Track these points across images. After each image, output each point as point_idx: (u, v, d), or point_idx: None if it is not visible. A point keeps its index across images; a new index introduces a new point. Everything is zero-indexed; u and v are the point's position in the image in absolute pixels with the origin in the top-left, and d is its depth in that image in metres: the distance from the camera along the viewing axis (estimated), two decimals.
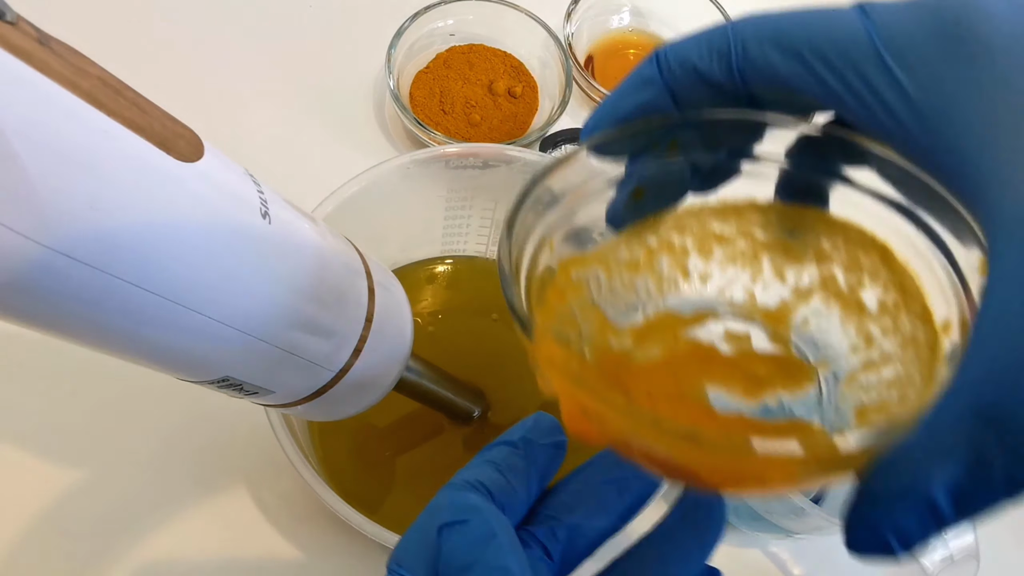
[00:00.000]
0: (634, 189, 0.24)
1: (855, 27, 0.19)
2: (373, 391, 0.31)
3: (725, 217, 0.25)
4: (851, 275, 0.23)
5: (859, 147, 0.21)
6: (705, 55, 0.22)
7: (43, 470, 0.42)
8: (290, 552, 0.42)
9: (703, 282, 0.25)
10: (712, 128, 0.23)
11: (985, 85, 0.17)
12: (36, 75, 0.17)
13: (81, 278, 0.18)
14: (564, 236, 0.24)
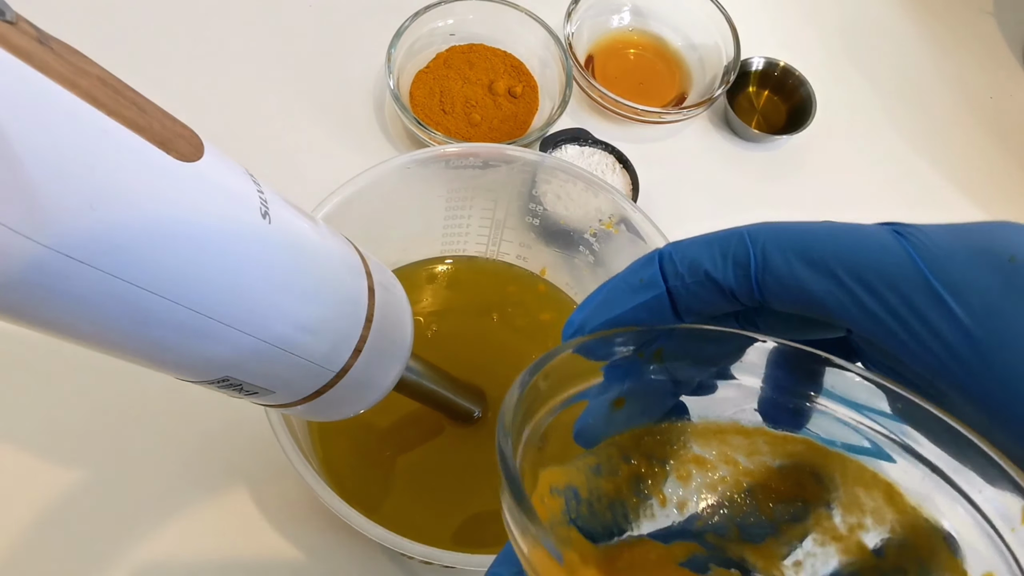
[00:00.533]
0: (615, 399, 0.22)
1: (895, 250, 0.18)
2: (373, 391, 0.31)
3: (707, 440, 0.23)
4: (850, 515, 0.21)
5: (870, 381, 0.20)
6: (719, 262, 0.20)
7: (43, 470, 0.42)
8: (290, 552, 0.42)
9: (680, 510, 0.23)
10: (702, 342, 0.22)
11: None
12: (36, 75, 0.17)
13: (81, 278, 0.18)
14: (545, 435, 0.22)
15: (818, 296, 0.19)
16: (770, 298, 0.20)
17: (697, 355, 0.22)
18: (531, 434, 0.20)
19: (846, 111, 0.63)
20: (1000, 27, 0.70)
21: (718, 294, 0.20)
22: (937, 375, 0.18)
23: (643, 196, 0.54)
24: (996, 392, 0.17)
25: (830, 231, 0.19)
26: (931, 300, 0.17)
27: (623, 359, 0.22)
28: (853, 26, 0.68)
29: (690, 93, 0.60)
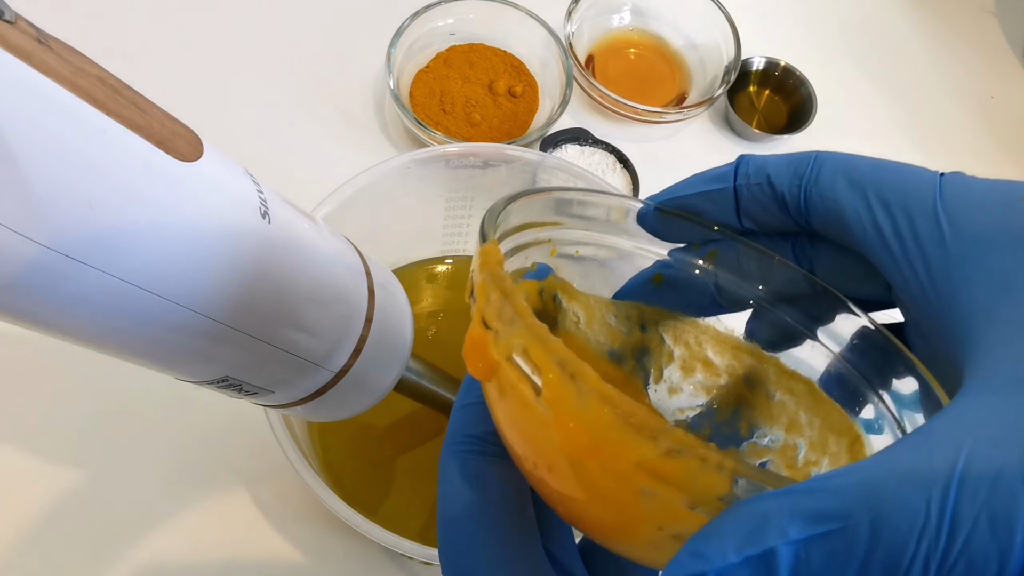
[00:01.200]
0: (655, 274, 0.25)
1: (925, 181, 0.19)
2: (373, 391, 0.31)
3: (722, 348, 0.25)
4: (812, 454, 0.22)
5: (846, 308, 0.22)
6: (784, 169, 0.22)
7: (43, 471, 0.42)
8: (290, 552, 0.42)
9: (671, 394, 0.25)
10: (754, 260, 0.24)
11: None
12: (35, 74, 0.17)
13: (80, 278, 0.18)
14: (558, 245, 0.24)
15: (844, 209, 0.20)
16: (812, 214, 0.21)
17: (745, 271, 0.24)
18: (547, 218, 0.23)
19: (847, 111, 0.63)
20: (1001, 26, 0.70)
21: (773, 201, 0.22)
22: (917, 305, 0.19)
23: (643, 196, 0.54)
24: (945, 314, 0.18)
25: (883, 164, 0.20)
26: (928, 220, 0.19)
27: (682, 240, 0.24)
28: (854, 26, 0.68)
29: (690, 93, 0.60)
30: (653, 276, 0.25)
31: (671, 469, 0.14)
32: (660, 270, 0.25)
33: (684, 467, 0.14)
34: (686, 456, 0.14)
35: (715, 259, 0.24)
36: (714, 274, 0.24)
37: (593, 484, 0.16)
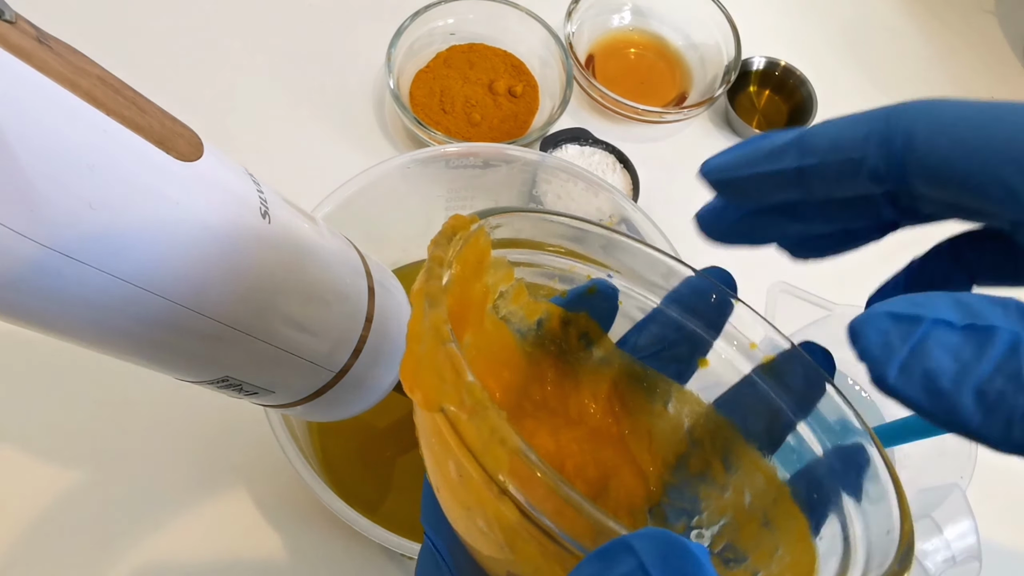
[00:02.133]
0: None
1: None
2: (373, 391, 0.31)
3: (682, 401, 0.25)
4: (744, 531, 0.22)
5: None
6: (860, 139, 0.19)
7: (43, 470, 0.42)
8: (290, 552, 0.42)
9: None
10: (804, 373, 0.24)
11: None
12: (35, 74, 0.17)
13: (80, 278, 0.18)
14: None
15: (961, 175, 0.17)
16: (912, 178, 0.18)
17: (790, 384, 0.24)
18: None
19: (847, 110, 0.63)
20: (1001, 26, 0.70)
21: (860, 175, 0.19)
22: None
23: (643, 196, 0.54)
24: None
25: (988, 111, 0.17)
26: None
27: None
28: (854, 25, 0.68)
29: (691, 93, 0.60)
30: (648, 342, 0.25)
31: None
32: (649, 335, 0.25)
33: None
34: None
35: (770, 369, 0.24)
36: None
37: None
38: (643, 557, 0.12)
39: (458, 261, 0.22)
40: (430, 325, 0.17)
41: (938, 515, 0.39)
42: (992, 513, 0.47)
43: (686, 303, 0.26)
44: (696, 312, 0.26)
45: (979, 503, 0.40)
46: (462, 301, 0.23)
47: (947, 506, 0.40)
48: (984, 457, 0.43)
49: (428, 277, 0.18)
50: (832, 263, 0.24)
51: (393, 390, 0.32)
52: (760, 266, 0.55)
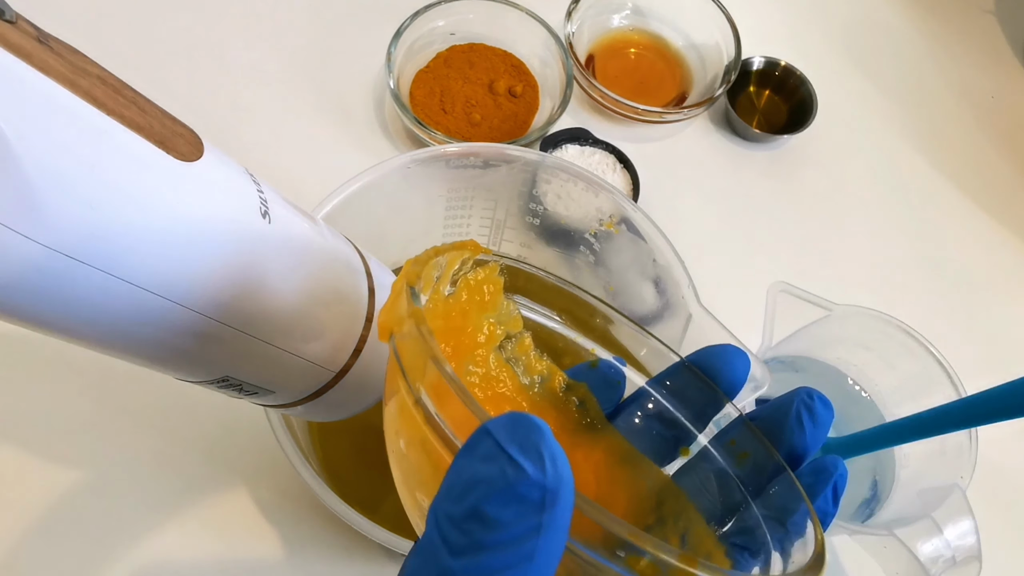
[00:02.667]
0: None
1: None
2: (373, 391, 0.31)
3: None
4: None
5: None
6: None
7: (43, 470, 0.42)
8: (290, 552, 0.42)
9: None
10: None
11: None
12: (35, 74, 0.17)
13: (81, 278, 0.18)
14: None
15: None
16: None
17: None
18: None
19: (847, 111, 0.63)
20: (1001, 26, 0.70)
21: None
22: None
23: (643, 196, 0.54)
24: None
25: None
26: None
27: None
28: (854, 25, 0.68)
29: (691, 93, 0.60)
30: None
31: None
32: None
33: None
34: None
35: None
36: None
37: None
38: (496, 436, 0.14)
39: (464, 285, 0.23)
40: (405, 292, 0.19)
41: (938, 515, 0.39)
42: (992, 513, 0.47)
43: (677, 390, 0.27)
44: (685, 401, 0.27)
45: (979, 503, 0.40)
46: (461, 325, 0.24)
47: (947, 506, 0.40)
48: (984, 457, 0.43)
49: (416, 265, 0.21)
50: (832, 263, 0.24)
51: None
52: (760, 266, 0.56)
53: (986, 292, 0.58)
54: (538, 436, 0.14)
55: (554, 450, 0.14)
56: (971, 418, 0.38)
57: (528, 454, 0.14)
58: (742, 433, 0.25)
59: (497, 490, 0.14)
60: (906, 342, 0.46)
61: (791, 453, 0.23)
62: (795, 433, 0.23)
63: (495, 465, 0.14)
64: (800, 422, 0.23)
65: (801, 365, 0.50)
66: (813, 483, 0.22)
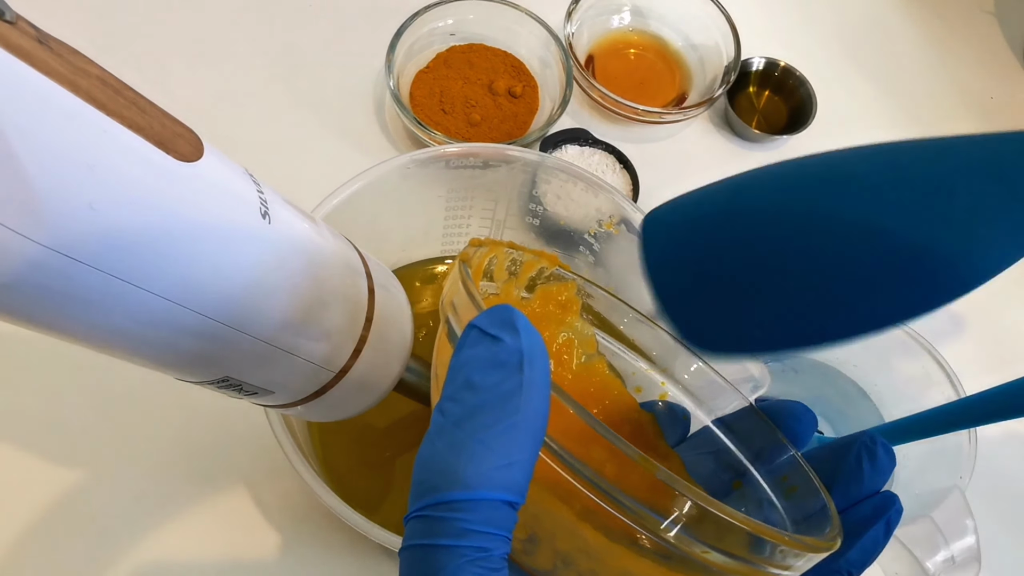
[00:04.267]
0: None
1: None
2: (373, 392, 0.31)
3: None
4: None
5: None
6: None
7: (43, 470, 0.42)
8: (290, 552, 0.42)
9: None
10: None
11: None
12: (35, 75, 0.17)
13: (81, 278, 0.18)
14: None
15: None
16: None
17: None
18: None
19: (847, 111, 0.63)
20: (1000, 27, 0.70)
21: None
22: None
23: (643, 196, 0.54)
24: None
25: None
26: None
27: None
28: (853, 26, 0.68)
29: (690, 93, 0.60)
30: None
31: None
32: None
33: None
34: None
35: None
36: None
37: None
38: (479, 325, 0.17)
39: (542, 293, 0.24)
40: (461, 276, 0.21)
41: (938, 515, 0.39)
42: (992, 513, 0.47)
43: (739, 431, 0.27)
44: (746, 442, 0.27)
45: (979, 503, 0.40)
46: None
47: (947, 506, 0.40)
48: (984, 457, 0.43)
49: (472, 247, 0.24)
50: None
51: (393, 390, 0.32)
52: None
53: (986, 292, 0.58)
54: (512, 315, 0.17)
55: (527, 324, 0.17)
56: (971, 418, 0.38)
57: (504, 329, 0.17)
58: (796, 471, 0.25)
59: (482, 362, 0.17)
60: (906, 342, 0.46)
61: (844, 496, 0.23)
62: (852, 475, 0.22)
63: (480, 345, 0.17)
64: (859, 465, 0.22)
65: (801, 365, 0.50)
66: (870, 515, 0.22)
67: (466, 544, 0.16)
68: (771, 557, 0.18)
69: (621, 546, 0.18)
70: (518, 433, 0.16)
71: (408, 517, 0.17)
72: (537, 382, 0.17)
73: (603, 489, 0.17)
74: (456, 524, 0.16)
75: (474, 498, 0.16)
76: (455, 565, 0.16)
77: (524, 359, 0.16)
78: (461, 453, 0.17)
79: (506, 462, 0.16)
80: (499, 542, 0.16)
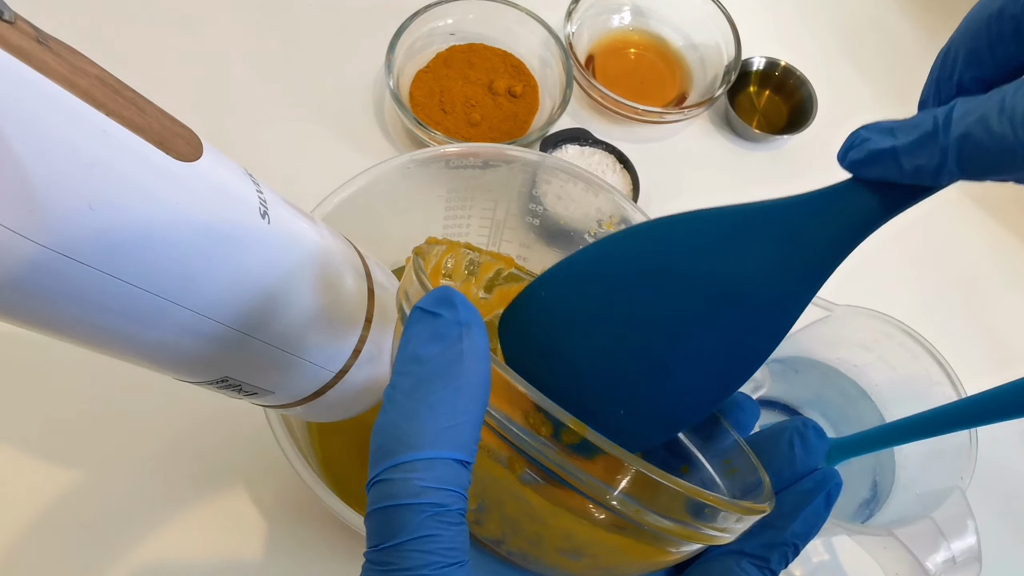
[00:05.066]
0: None
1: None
2: (373, 392, 0.31)
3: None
4: None
5: None
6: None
7: (43, 470, 0.42)
8: (290, 552, 0.42)
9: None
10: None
11: None
12: (35, 75, 0.17)
13: (80, 278, 0.18)
14: None
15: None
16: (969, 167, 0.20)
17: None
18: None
19: (847, 111, 0.63)
20: None
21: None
22: None
23: (643, 196, 0.54)
24: None
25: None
26: None
27: None
28: (854, 26, 0.68)
29: (691, 93, 0.60)
30: None
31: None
32: None
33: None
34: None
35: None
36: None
37: None
38: (423, 305, 0.18)
39: (500, 294, 0.24)
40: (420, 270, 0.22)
41: (938, 516, 0.39)
42: (992, 513, 0.47)
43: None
44: (695, 431, 0.29)
45: (979, 503, 0.40)
46: (489, 325, 0.25)
47: (947, 507, 0.40)
48: (984, 457, 0.43)
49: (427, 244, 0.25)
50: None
51: None
52: None
53: (986, 292, 0.58)
54: (450, 293, 0.18)
55: (464, 300, 0.18)
56: (971, 418, 0.38)
57: (443, 306, 0.18)
58: (738, 454, 0.26)
59: (425, 336, 0.18)
60: (906, 342, 0.46)
61: (779, 476, 0.24)
62: (785, 457, 0.24)
63: (422, 322, 0.18)
64: (791, 447, 0.24)
65: (801, 365, 0.50)
66: (811, 488, 0.23)
67: (424, 501, 0.18)
68: (708, 520, 0.20)
69: (563, 509, 0.20)
70: (461, 395, 0.18)
71: (369, 484, 0.19)
72: (476, 348, 0.18)
73: (545, 456, 0.19)
74: (412, 483, 0.18)
75: (426, 457, 0.18)
76: (417, 521, 0.18)
77: (463, 330, 0.18)
78: (412, 419, 0.18)
79: (453, 423, 0.18)
80: (455, 498, 0.18)
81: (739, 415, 0.28)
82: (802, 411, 0.50)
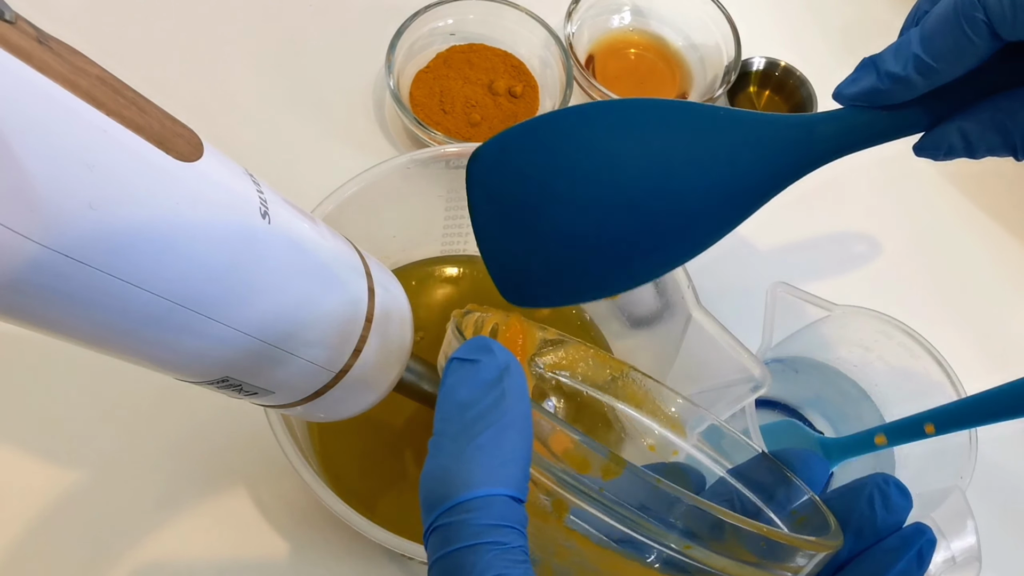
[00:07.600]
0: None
1: None
2: (373, 392, 0.31)
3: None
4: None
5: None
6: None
7: (43, 470, 0.42)
8: (290, 552, 0.42)
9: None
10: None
11: None
12: (35, 74, 0.17)
13: (80, 278, 0.18)
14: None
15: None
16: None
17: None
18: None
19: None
20: None
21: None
22: None
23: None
24: None
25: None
26: None
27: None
28: (854, 26, 0.68)
29: (691, 93, 0.60)
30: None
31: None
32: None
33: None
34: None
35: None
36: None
37: None
38: (459, 355, 0.19)
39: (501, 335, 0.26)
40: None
41: (938, 516, 0.39)
42: (992, 513, 0.47)
43: (753, 479, 0.28)
44: (760, 487, 0.28)
45: (979, 503, 0.40)
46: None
47: (947, 506, 0.40)
48: (984, 457, 0.43)
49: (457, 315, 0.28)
50: (832, 264, 0.25)
51: (393, 390, 0.32)
52: (760, 266, 0.55)
53: (986, 292, 0.58)
54: (485, 341, 0.19)
55: (499, 345, 0.19)
56: (971, 418, 0.38)
57: (480, 352, 0.19)
58: (808, 509, 0.25)
59: (466, 382, 0.19)
60: (906, 342, 0.46)
61: (859, 536, 0.23)
62: (865, 517, 0.22)
63: (461, 370, 0.19)
64: (871, 506, 0.22)
65: (801, 365, 0.50)
66: (899, 547, 0.22)
67: (485, 541, 0.17)
68: (778, 559, 0.19)
69: (620, 556, 0.19)
70: (509, 433, 0.18)
71: (425, 535, 0.18)
72: (517, 387, 0.19)
73: (606, 501, 0.19)
74: (471, 524, 0.17)
75: (481, 495, 0.17)
76: (484, 561, 0.17)
77: (503, 372, 0.19)
78: (461, 460, 0.18)
79: (502, 460, 0.18)
80: (515, 535, 0.17)
81: (805, 471, 0.27)
82: (802, 411, 0.50)
